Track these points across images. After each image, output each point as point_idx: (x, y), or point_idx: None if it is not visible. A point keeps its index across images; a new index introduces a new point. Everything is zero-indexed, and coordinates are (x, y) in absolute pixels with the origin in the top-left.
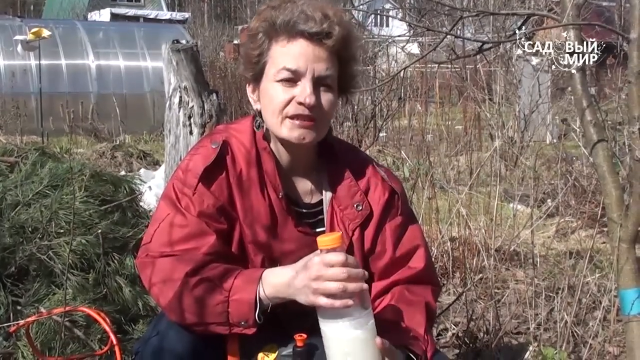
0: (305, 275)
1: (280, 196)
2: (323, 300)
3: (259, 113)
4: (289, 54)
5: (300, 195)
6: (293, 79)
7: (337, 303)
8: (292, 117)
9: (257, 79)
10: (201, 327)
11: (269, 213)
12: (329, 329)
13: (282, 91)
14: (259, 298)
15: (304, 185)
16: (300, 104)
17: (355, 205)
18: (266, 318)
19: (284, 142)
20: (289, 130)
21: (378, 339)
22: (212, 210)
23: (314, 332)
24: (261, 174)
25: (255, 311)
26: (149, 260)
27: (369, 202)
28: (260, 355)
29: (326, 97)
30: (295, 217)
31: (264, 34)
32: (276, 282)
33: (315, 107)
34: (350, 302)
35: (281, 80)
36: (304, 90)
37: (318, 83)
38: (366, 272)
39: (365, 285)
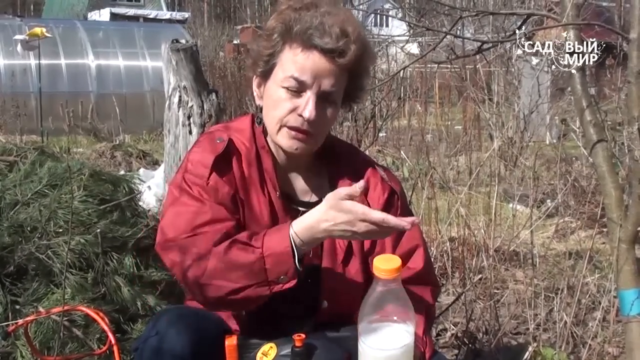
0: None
1: (277, 194)
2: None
3: (261, 109)
4: (299, 64)
5: (298, 194)
6: (299, 88)
7: (393, 221)
8: (289, 128)
9: (265, 76)
10: (239, 293)
11: (269, 212)
12: (368, 344)
13: (286, 99)
14: (295, 246)
15: (302, 184)
16: (300, 116)
17: None
18: (265, 317)
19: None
20: (283, 139)
21: None
22: (227, 199)
23: (313, 332)
24: (261, 173)
25: (294, 259)
26: (172, 244)
27: (369, 202)
28: (259, 355)
29: (328, 112)
30: (294, 216)
31: (280, 35)
32: (308, 221)
33: (314, 122)
34: (418, 218)
35: (286, 87)
36: (307, 104)
37: (322, 97)
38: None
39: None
